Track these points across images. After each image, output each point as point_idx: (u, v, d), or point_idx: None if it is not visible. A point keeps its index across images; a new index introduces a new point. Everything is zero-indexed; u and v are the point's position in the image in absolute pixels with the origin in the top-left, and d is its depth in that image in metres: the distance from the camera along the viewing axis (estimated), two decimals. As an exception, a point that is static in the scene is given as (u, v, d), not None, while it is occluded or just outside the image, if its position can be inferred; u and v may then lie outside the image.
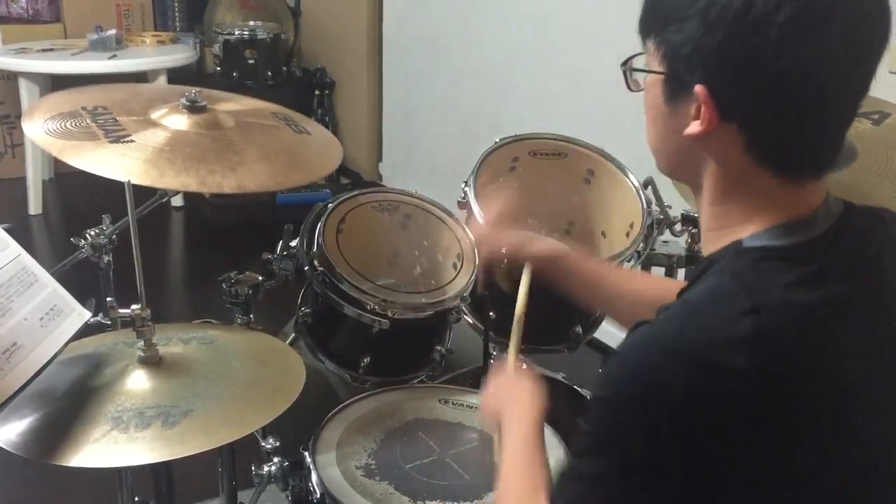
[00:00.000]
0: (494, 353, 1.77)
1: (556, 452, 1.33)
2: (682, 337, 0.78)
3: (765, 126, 0.81)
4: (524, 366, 1.16)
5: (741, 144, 0.82)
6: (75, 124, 1.37)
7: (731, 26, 0.76)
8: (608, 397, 0.81)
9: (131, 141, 1.34)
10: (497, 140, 1.77)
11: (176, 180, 1.29)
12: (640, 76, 0.90)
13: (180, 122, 1.42)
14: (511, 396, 1.08)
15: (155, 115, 1.43)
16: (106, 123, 1.38)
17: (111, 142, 1.33)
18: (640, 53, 0.89)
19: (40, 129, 1.36)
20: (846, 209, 0.87)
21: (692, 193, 0.92)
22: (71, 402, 1.11)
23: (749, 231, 0.84)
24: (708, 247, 0.89)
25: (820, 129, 0.82)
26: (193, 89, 1.47)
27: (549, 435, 1.37)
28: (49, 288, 1.13)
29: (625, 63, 0.91)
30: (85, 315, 1.14)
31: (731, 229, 0.86)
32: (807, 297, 0.80)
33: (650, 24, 0.85)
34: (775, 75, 0.77)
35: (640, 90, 0.91)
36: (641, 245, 1.67)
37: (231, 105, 1.57)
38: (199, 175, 1.30)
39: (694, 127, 0.82)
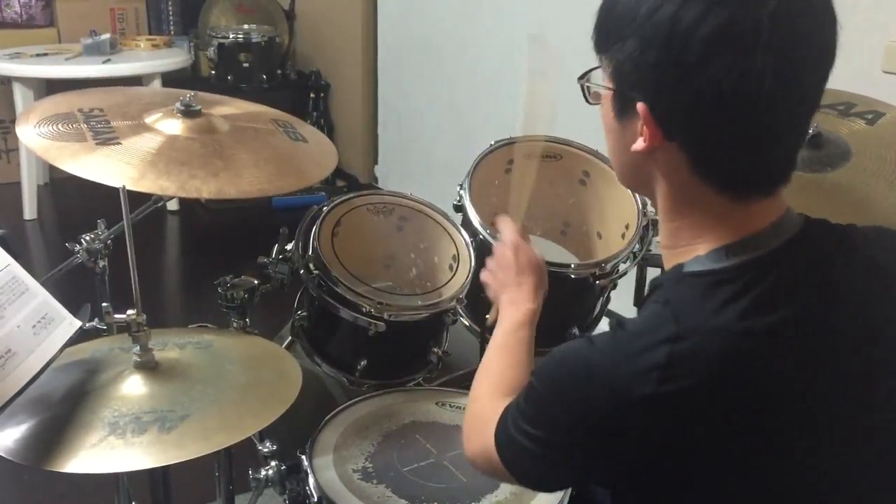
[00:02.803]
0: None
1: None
2: (604, 364, 0.81)
3: (705, 144, 0.80)
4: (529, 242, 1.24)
5: (685, 162, 0.81)
6: (67, 126, 1.37)
7: (662, 43, 0.76)
8: (542, 386, 0.88)
9: (118, 143, 1.34)
10: (492, 142, 1.78)
11: (155, 184, 1.28)
12: (599, 90, 0.90)
13: (173, 126, 1.42)
14: (512, 282, 1.21)
15: (149, 120, 1.43)
16: (97, 126, 1.38)
17: (98, 143, 1.33)
18: (597, 67, 0.89)
19: (31, 131, 1.36)
20: (805, 225, 0.85)
21: None
22: (67, 407, 1.11)
23: (695, 252, 0.84)
24: (667, 264, 0.90)
25: (762, 146, 0.80)
26: (189, 93, 1.46)
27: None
28: (40, 297, 1.13)
29: (583, 76, 0.92)
30: (76, 324, 1.14)
31: (682, 249, 0.86)
32: (740, 321, 0.78)
33: (600, 41, 0.86)
34: (705, 91, 0.76)
35: (598, 103, 0.91)
36: (637, 246, 1.67)
37: (229, 109, 1.57)
38: (179, 179, 1.29)
39: (639, 144, 0.83)
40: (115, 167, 1.29)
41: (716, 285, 0.80)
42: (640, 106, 0.80)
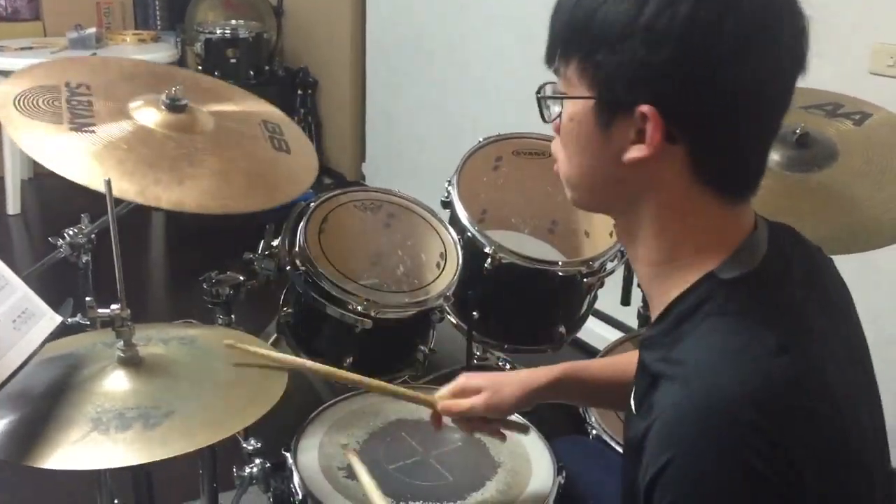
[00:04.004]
0: (478, 353, 1.77)
1: (543, 458, 1.32)
2: (729, 389, 0.71)
3: (714, 145, 0.78)
4: None
5: (687, 166, 0.78)
6: (48, 102, 1.33)
7: (680, 41, 0.73)
8: (695, 484, 0.71)
9: (92, 132, 1.31)
10: (480, 139, 1.77)
11: (117, 185, 1.23)
12: (554, 104, 0.84)
13: (154, 118, 1.38)
14: None
15: (132, 106, 1.40)
16: (78, 107, 1.34)
17: (72, 129, 1.30)
18: (549, 82, 0.85)
19: (11, 97, 1.32)
20: (768, 222, 0.86)
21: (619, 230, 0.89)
22: (49, 403, 1.09)
23: (710, 262, 0.80)
24: (659, 283, 0.84)
25: (760, 146, 0.80)
26: (176, 87, 1.43)
27: (536, 439, 1.37)
28: (20, 292, 1.12)
29: (539, 91, 0.86)
30: (56, 319, 1.12)
31: (686, 262, 0.82)
32: (804, 318, 0.79)
33: (572, 47, 0.80)
34: (729, 89, 0.74)
35: (552, 120, 0.86)
36: (624, 245, 1.67)
37: (218, 106, 1.54)
38: (142, 183, 1.25)
39: (637, 151, 0.78)
40: (81, 160, 1.25)
41: (762, 286, 0.79)
42: (646, 109, 0.75)
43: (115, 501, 1.50)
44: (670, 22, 0.73)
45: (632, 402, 0.85)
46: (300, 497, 1.23)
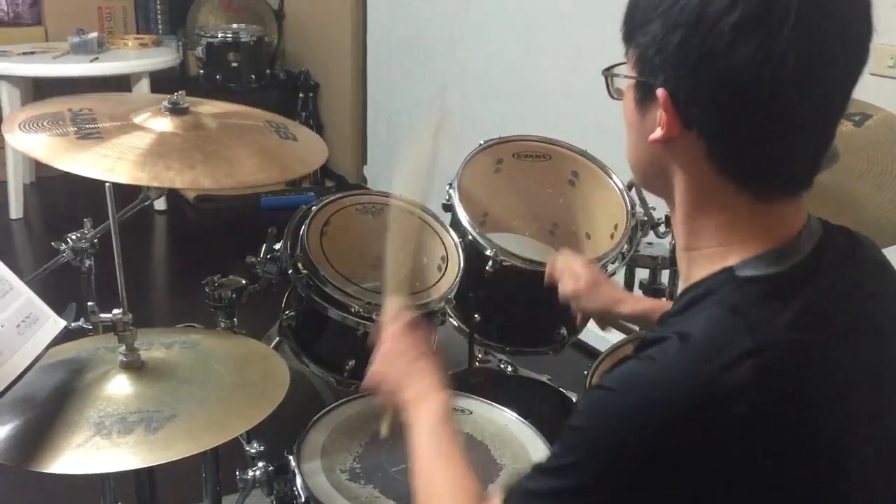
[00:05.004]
0: (479, 355, 1.77)
1: (541, 456, 1.32)
2: (680, 375, 0.74)
3: (723, 133, 0.78)
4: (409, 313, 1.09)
5: (703, 154, 0.79)
6: (52, 123, 1.35)
7: (689, 25, 0.75)
8: (590, 428, 0.77)
9: (99, 137, 1.32)
10: (481, 142, 1.77)
11: (127, 173, 1.24)
12: (622, 84, 0.88)
13: (158, 123, 1.40)
14: (410, 373, 1.05)
15: (136, 119, 1.41)
16: (82, 122, 1.36)
17: (78, 138, 1.31)
18: (622, 63, 0.87)
19: (16, 127, 1.34)
20: (825, 229, 0.85)
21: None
22: (52, 407, 1.10)
23: (734, 256, 0.81)
24: (686, 268, 0.86)
25: (782, 139, 0.78)
26: (179, 94, 1.45)
27: (535, 437, 1.37)
28: (24, 296, 1.12)
29: (607, 69, 0.90)
30: (60, 323, 1.13)
31: (708, 252, 0.83)
32: (808, 333, 0.78)
33: (626, 31, 0.84)
34: (728, 77, 0.75)
35: (620, 98, 0.89)
36: (626, 246, 1.67)
37: (221, 109, 1.55)
38: (153, 170, 1.26)
39: (656, 133, 0.80)
40: (88, 158, 1.26)
41: (777, 291, 0.78)
42: (659, 91, 0.78)
43: (119, 505, 1.50)
44: (683, 8, 0.75)
45: None
46: (303, 500, 1.24)
